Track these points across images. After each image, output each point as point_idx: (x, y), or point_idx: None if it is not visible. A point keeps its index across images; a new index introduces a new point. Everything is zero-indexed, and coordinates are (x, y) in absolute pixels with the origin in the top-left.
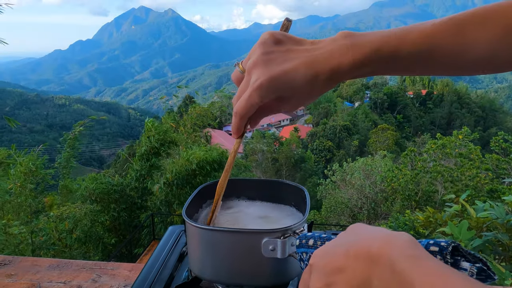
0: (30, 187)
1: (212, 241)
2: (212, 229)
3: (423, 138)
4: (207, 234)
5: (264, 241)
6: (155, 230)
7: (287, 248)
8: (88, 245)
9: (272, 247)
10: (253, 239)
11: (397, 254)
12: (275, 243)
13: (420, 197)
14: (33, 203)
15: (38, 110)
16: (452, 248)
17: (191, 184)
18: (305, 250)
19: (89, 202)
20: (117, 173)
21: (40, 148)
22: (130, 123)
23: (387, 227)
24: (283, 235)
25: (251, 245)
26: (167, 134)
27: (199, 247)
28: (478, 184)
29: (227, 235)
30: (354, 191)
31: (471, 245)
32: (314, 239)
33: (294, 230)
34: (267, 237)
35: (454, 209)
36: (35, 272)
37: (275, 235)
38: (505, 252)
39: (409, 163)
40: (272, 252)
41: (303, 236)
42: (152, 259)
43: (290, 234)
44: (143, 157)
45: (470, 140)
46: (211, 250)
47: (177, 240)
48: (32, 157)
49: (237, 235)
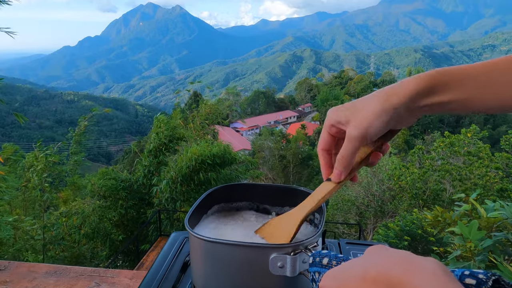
0: (47, 180)
1: (216, 254)
2: (215, 241)
3: (432, 136)
4: (211, 246)
5: (272, 257)
6: (162, 226)
7: (298, 266)
8: (96, 241)
9: (280, 264)
10: (259, 255)
11: (423, 283)
12: (284, 260)
13: (427, 196)
14: (49, 198)
15: (47, 106)
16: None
17: (193, 181)
18: (318, 270)
19: (97, 198)
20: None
21: (58, 145)
22: (138, 119)
23: (394, 225)
24: (293, 251)
25: (258, 261)
26: (176, 131)
27: (203, 259)
28: (487, 183)
29: (231, 249)
30: (361, 188)
31: (481, 245)
32: (329, 258)
33: (306, 246)
34: (275, 252)
35: (463, 209)
36: (31, 279)
37: (284, 251)
38: None
39: (417, 161)
40: (281, 270)
41: (317, 254)
42: (154, 269)
43: (301, 250)
44: (152, 153)
45: (479, 138)
46: (215, 264)
47: (180, 248)
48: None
49: (242, 249)
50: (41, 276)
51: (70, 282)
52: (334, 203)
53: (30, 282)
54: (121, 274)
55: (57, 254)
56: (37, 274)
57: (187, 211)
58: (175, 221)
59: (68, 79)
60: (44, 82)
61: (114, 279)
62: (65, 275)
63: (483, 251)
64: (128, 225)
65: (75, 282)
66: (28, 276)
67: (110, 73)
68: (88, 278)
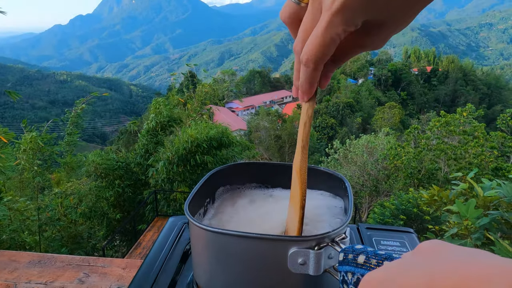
0: (37, 163)
1: (223, 247)
2: (222, 232)
3: (428, 115)
4: (216, 238)
5: (292, 252)
6: (158, 206)
7: (323, 262)
8: (93, 220)
9: (302, 261)
10: (275, 249)
11: None
12: (307, 256)
13: (422, 175)
14: (41, 180)
15: (40, 86)
16: None
17: (189, 163)
18: (351, 270)
19: (93, 178)
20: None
21: (48, 124)
22: (132, 100)
23: (389, 204)
24: (318, 245)
25: (273, 257)
26: (174, 111)
27: (206, 253)
28: (482, 162)
29: (240, 242)
30: (356, 168)
31: (477, 223)
32: (367, 255)
33: (333, 238)
34: (295, 246)
35: (461, 187)
36: (12, 270)
37: (306, 245)
38: (511, 230)
39: (412, 141)
40: (302, 267)
41: (350, 249)
42: (150, 258)
43: (327, 244)
44: (149, 133)
45: (474, 118)
46: (222, 259)
47: (179, 235)
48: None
49: (254, 242)
50: (23, 267)
51: (56, 273)
52: None
53: (11, 273)
54: (113, 263)
55: (54, 234)
56: (18, 264)
57: (184, 191)
58: (171, 201)
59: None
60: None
61: (105, 269)
62: (50, 264)
63: (479, 229)
64: (124, 205)
65: (61, 272)
66: (8, 266)
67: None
68: (76, 268)
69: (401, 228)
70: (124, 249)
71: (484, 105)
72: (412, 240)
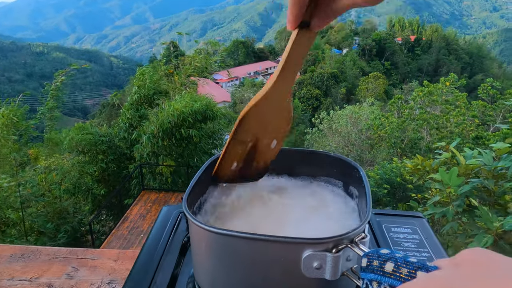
0: (13, 138)
1: (229, 249)
2: (228, 234)
3: (410, 85)
4: (222, 240)
5: (306, 255)
6: (144, 180)
7: (341, 266)
8: (78, 196)
9: (317, 265)
10: (287, 252)
11: None
12: (323, 259)
13: (405, 145)
14: (18, 155)
15: (15, 59)
16: None
17: (175, 136)
18: (377, 278)
19: (76, 154)
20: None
21: (20, 97)
22: (113, 72)
23: (374, 174)
24: (335, 247)
25: (286, 260)
26: (159, 83)
27: (210, 255)
28: (463, 131)
29: (250, 244)
30: (341, 139)
31: (459, 191)
32: (396, 262)
33: (352, 238)
34: (310, 249)
35: (444, 157)
36: None
37: (322, 247)
38: (490, 197)
39: (396, 111)
40: (318, 271)
41: (375, 254)
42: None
43: (346, 245)
44: (133, 106)
45: (457, 87)
46: (227, 262)
47: (175, 226)
48: (12, 109)
49: (264, 244)
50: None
51: (42, 268)
52: None
53: None
54: (104, 254)
55: (38, 210)
56: None
57: (169, 165)
58: (157, 175)
59: (36, 29)
60: (9, 33)
61: (96, 262)
62: (34, 258)
63: (460, 196)
64: (109, 180)
65: (47, 267)
66: None
67: (80, 23)
68: (64, 261)
69: (409, 213)
70: (111, 223)
71: (466, 74)
72: (423, 226)
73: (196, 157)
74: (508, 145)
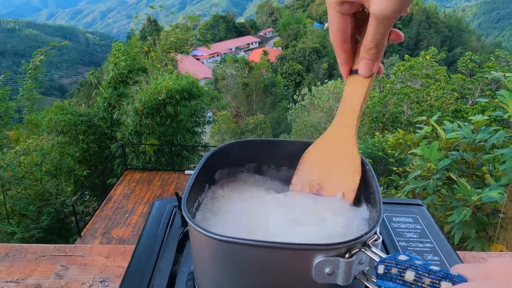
0: None
1: (235, 257)
2: (235, 241)
3: (391, 59)
4: (227, 247)
5: (318, 261)
6: (127, 160)
7: (353, 270)
8: (59, 178)
9: (330, 270)
10: (298, 259)
11: None
12: (336, 265)
13: (387, 119)
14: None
15: None
16: None
17: (161, 114)
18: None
19: (55, 134)
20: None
21: (1, 78)
22: (90, 49)
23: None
24: (348, 251)
25: (296, 267)
26: (136, 60)
27: (213, 262)
28: (443, 104)
29: (256, 251)
30: (323, 114)
31: (440, 165)
32: (416, 270)
33: (364, 241)
34: (321, 255)
35: (424, 131)
36: None
37: (335, 252)
38: (469, 169)
39: (377, 85)
40: (330, 277)
41: (392, 261)
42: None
43: (359, 249)
44: (111, 85)
45: (437, 61)
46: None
47: (169, 221)
48: None
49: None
50: None
51: (28, 267)
52: (298, 128)
53: None
54: (94, 251)
55: (19, 192)
56: None
57: (153, 144)
58: (140, 154)
59: (5, 4)
60: None
61: (86, 259)
62: (20, 257)
63: (440, 170)
64: (91, 160)
65: (34, 266)
66: None
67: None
68: (51, 259)
69: (409, 201)
70: (95, 204)
71: (445, 47)
72: (424, 214)
73: (180, 135)
74: (486, 118)
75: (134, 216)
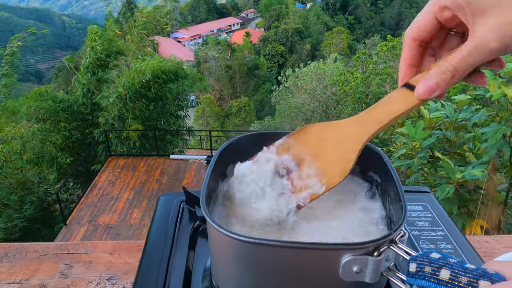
0: None
1: (257, 258)
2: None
3: (373, 39)
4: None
5: (346, 260)
6: (111, 146)
7: (381, 267)
8: (41, 166)
9: (358, 269)
10: (326, 258)
11: None
12: (364, 263)
13: (370, 99)
14: None
15: None
16: None
17: (145, 97)
18: (430, 286)
19: (35, 121)
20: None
21: None
22: (67, 32)
23: None
24: (376, 249)
25: (323, 266)
26: (113, 44)
27: (234, 262)
28: None
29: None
30: (307, 95)
31: (424, 144)
32: (452, 269)
33: (392, 239)
34: (349, 254)
35: None
36: None
37: (363, 251)
38: (451, 148)
39: (360, 66)
40: (357, 275)
41: (425, 259)
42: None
43: (387, 246)
44: (89, 70)
45: None
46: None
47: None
48: None
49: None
50: None
51: (30, 267)
52: (282, 110)
53: None
54: (97, 247)
55: (0, 182)
56: None
57: (137, 129)
58: (124, 140)
59: None
60: None
61: (90, 256)
62: (20, 256)
63: (425, 148)
64: (74, 147)
65: (36, 266)
66: None
67: None
68: (54, 258)
69: (416, 188)
70: (79, 191)
71: None
72: (433, 202)
73: (163, 119)
74: (468, 97)
75: (119, 203)
